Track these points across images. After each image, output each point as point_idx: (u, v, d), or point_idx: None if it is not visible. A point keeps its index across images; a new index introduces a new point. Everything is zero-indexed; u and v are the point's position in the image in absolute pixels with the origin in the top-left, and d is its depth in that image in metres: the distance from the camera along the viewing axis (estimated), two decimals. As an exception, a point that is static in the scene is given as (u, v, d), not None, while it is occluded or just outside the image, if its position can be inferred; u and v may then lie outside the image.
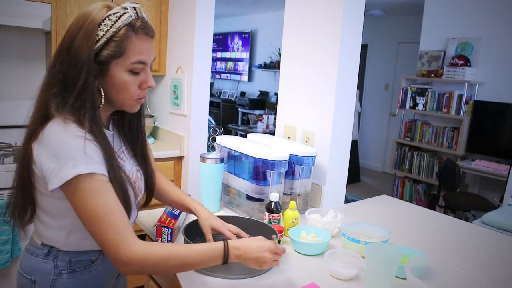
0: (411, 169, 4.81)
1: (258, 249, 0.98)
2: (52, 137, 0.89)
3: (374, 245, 1.15)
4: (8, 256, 2.04)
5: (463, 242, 1.51)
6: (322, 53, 1.73)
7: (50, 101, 0.93)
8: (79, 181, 0.87)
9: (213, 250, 0.95)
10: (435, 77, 4.49)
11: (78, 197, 0.88)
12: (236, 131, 6.57)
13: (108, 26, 0.91)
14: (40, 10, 2.34)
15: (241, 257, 0.97)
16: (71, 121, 0.90)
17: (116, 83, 0.95)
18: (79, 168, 0.86)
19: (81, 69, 0.90)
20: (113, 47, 0.92)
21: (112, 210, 0.89)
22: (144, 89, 1.00)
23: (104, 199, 0.88)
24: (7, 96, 2.59)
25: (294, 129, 1.89)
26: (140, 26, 0.95)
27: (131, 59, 0.94)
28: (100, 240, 0.88)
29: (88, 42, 0.90)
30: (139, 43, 0.94)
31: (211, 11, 2.56)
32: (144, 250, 0.88)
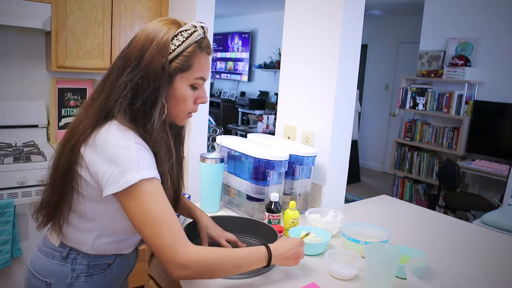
0: (411, 169, 4.81)
1: (292, 246, 1.06)
2: (110, 143, 0.90)
3: (374, 245, 1.15)
4: (8, 256, 2.04)
5: (463, 242, 1.51)
6: (322, 53, 1.73)
7: (115, 109, 0.94)
8: (141, 185, 0.88)
9: (258, 253, 1.00)
10: (435, 77, 4.49)
11: (137, 200, 0.89)
12: (236, 131, 6.57)
13: (181, 41, 0.96)
14: (40, 10, 2.34)
15: (281, 259, 1.04)
16: (129, 127, 0.92)
17: (177, 96, 0.99)
18: (143, 173, 0.88)
19: (156, 80, 0.94)
20: (182, 61, 0.96)
21: (170, 214, 0.90)
22: (197, 104, 1.04)
23: (162, 203, 0.91)
24: (7, 96, 2.59)
25: (294, 129, 1.89)
26: (207, 45, 1.01)
27: (196, 75, 0.99)
28: (158, 243, 0.88)
29: (162, 53, 0.94)
30: (203, 60, 1.00)
31: (211, 11, 2.56)
32: (201, 253, 0.90)
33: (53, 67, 2.45)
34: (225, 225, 1.25)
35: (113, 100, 0.95)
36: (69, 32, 2.45)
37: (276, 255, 1.02)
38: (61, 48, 2.44)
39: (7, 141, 2.45)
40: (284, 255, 1.04)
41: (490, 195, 4.04)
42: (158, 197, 0.90)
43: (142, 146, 0.92)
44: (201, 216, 1.24)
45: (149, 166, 0.91)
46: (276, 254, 1.02)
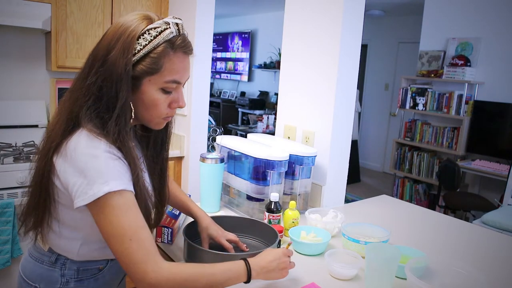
0: (411, 169, 4.81)
1: (275, 257, 0.99)
2: (79, 152, 0.85)
3: (374, 245, 1.15)
4: (8, 256, 2.04)
5: (463, 242, 1.51)
6: (322, 53, 1.73)
7: (82, 114, 0.88)
8: (109, 198, 0.83)
9: (237, 269, 0.93)
10: (435, 77, 4.49)
11: (106, 214, 0.83)
12: (236, 131, 6.57)
13: (147, 40, 0.87)
14: (40, 10, 2.34)
15: (263, 272, 0.96)
16: (99, 134, 0.86)
17: (146, 100, 0.91)
18: (111, 185, 0.82)
19: (118, 84, 0.86)
20: (149, 63, 0.88)
21: (140, 229, 0.84)
22: (174, 109, 0.96)
23: (133, 217, 0.85)
24: (7, 96, 2.59)
25: (294, 129, 1.89)
26: (180, 44, 0.91)
27: (166, 78, 0.90)
28: (127, 259, 0.83)
29: (126, 55, 0.86)
30: (176, 61, 0.91)
31: (211, 11, 2.56)
32: (172, 270, 0.84)
33: (53, 67, 2.45)
34: (225, 225, 1.25)
35: (78, 105, 0.89)
36: (69, 32, 2.45)
37: (257, 269, 0.95)
38: (61, 48, 2.44)
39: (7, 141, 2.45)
40: (267, 268, 0.97)
41: (490, 195, 4.04)
42: (129, 211, 0.84)
43: (113, 155, 0.85)
44: (201, 217, 1.22)
45: (119, 177, 0.84)
46: (257, 268, 0.95)
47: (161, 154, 1.08)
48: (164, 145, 1.09)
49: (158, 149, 1.08)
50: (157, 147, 1.07)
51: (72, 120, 0.89)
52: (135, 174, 0.89)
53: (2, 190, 2.09)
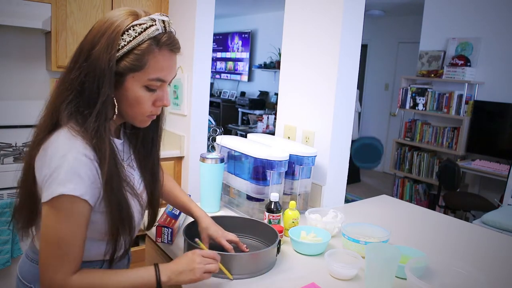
0: (411, 169, 4.81)
1: (186, 259, 0.97)
2: (53, 149, 0.85)
3: (374, 245, 1.15)
4: (8, 256, 2.04)
5: (463, 242, 1.51)
6: (322, 53, 1.73)
7: (62, 108, 0.88)
8: (60, 200, 0.83)
9: (147, 274, 0.93)
10: (435, 77, 4.49)
11: (51, 214, 0.84)
12: (236, 131, 6.57)
13: (132, 36, 0.86)
14: (40, 10, 2.34)
15: (174, 275, 0.95)
16: (78, 132, 0.86)
17: (130, 97, 0.90)
18: (66, 188, 0.82)
19: (101, 80, 0.85)
20: (133, 60, 0.87)
21: (73, 241, 0.85)
22: (158, 107, 0.95)
23: (73, 227, 0.85)
24: (7, 96, 2.59)
25: (294, 129, 1.89)
26: (166, 41, 0.89)
27: (150, 75, 0.89)
28: (44, 260, 0.85)
29: (110, 51, 0.85)
30: (161, 59, 0.89)
31: (211, 11, 2.56)
32: (79, 282, 0.86)
33: (53, 67, 2.45)
34: (225, 225, 1.25)
35: (60, 99, 0.89)
36: (69, 32, 2.45)
37: (167, 273, 0.94)
38: (61, 48, 2.44)
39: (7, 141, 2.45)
40: (177, 270, 0.95)
41: (490, 195, 4.04)
42: (71, 219, 0.84)
43: (84, 157, 0.84)
44: (201, 217, 1.22)
45: (79, 182, 0.83)
46: (167, 272, 0.94)
47: (152, 152, 1.07)
48: (155, 143, 1.08)
49: (148, 147, 1.06)
50: (147, 145, 1.06)
51: (54, 115, 0.89)
52: (108, 175, 0.88)
53: (2, 190, 2.09)
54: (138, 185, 1.03)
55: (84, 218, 0.86)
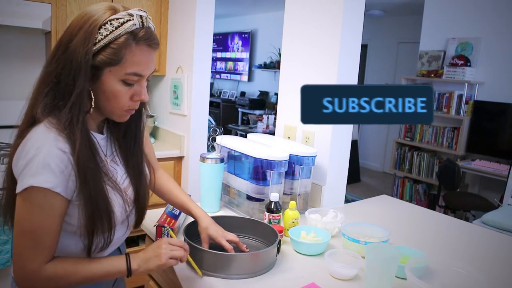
0: (411, 169, 4.81)
1: (152, 246, 1.01)
2: (28, 143, 0.87)
3: (374, 245, 1.15)
4: (8, 256, 2.04)
5: (463, 242, 1.51)
6: (322, 53, 1.73)
7: (39, 101, 0.90)
8: (31, 192, 0.85)
9: (116, 262, 0.96)
10: (435, 77, 4.49)
11: (23, 206, 0.86)
12: (236, 131, 6.57)
13: (109, 31, 0.87)
14: (40, 10, 2.34)
15: (142, 262, 0.98)
16: (54, 126, 0.87)
17: (107, 91, 0.91)
18: (36, 179, 0.83)
19: (77, 72, 0.86)
20: (109, 54, 0.87)
21: (46, 234, 0.88)
22: (135, 102, 0.95)
23: (45, 219, 0.87)
24: (7, 96, 2.59)
25: (294, 129, 1.89)
26: (143, 36, 0.90)
27: (127, 70, 0.89)
28: (17, 251, 0.88)
29: (86, 44, 0.86)
30: (138, 53, 0.90)
31: (211, 11, 2.56)
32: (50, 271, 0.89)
33: (53, 67, 2.45)
34: (225, 225, 1.25)
35: (38, 92, 0.90)
36: (69, 32, 2.45)
37: (136, 261, 0.97)
38: (61, 48, 2.44)
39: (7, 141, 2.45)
40: (145, 257, 0.99)
41: (490, 195, 4.04)
42: (43, 211, 0.86)
43: (58, 149, 0.85)
44: (202, 217, 1.22)
45: (50, 174, 0.84)
46: (137, 259, 0.98)
47: (135, 148, 1.07)
48: (137, 140, 1.08)
49: (131, 144, 1.07)
50: (130, 141, 1.06)
51: (33, 108, 0.91)
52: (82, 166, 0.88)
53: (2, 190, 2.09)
54: (121, 180, 1.03)
55: (56, 210, 0.88)
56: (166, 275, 1.37)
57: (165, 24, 2.78)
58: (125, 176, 1.05)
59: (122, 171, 1.05)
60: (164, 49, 2.81)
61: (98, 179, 0.92)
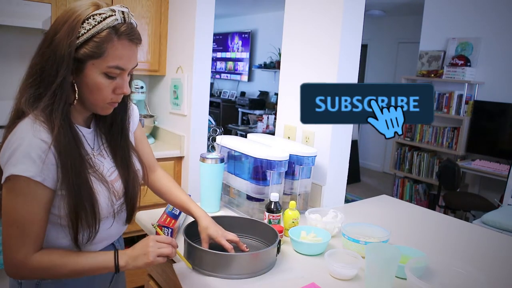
0: (411, 169, 4.81)
1: (140, 244, 1.02)
2: (15, 135, 0.90)
3: (374, 245, 1.15)
4: (8, 256, 2.04)
5: (463, 242, 1.51)
6: (322, 53, 1.73)
7: (23, 94, 0.93)
8: (13, 181, 0.88)
9: (104, 258, 0.98)
10: (435, 77, 4.49)
11: (7, 196, 0.89)
12: (236, 131, 6.57)
13: (91, 25, 0.91)
14: (40, 10, 2.34)
15: (130, 259, 0.99)
16: (37, 117, 0.90)
17: (90, 83, 0.94)
18: (18, 168, 0.87)
19: (59, 64, 0.90)
20: (92, 47, 0.91)
21: (31, 222, 0.90)
22: (118, 95, 0.98)
23: (30, 208, 0.89)
24: (7, 96, 2.59)
25: (294, 129, 1.89)
26: (125, 31, 0.93)
27: (109, 63, 0.93)
28: (6, 242, 0.90)
29: (70, 37, 0.89)
30: (120, 48, 0.93)
31: (211, 11, 2.56)
32: (37, 262, 0.91)
33: (53, 67, 2.45)
34: (225, 225, 1.25)
35: (22, 88, 0.94)
36: (69, 32, 2.45)
37: (124, 258, 0.99)
38: (61, 48, 2.44)
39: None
40: (133, 255, 1.00)
41: (490, 195, 4.04)
42: (26, 200, 0.89)
43: (38, 140, 0.88)
44: (201, 217, 1.22)
45: (31, 163, 0.87)
46: (125, 256, 0.99)
47: (121, 142, 1.09)
48: (124, 132, 1.10)
49: (118, 138, 1.09)
50: (116, 135, 1.08)
51: (20, 101, 0.94)
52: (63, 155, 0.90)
53: (2, 190, 2.09)
54: (108, 173, 1.04)
55: (39, 199, 0.90)
56: (166, 275, 1.37)
57: (165, 24, 2.78)
58: (113, 169, 1.06)
59: (110, 164, 1.06)
60: (164, 49, 2.81)
61: (81, 170, 0.94)
